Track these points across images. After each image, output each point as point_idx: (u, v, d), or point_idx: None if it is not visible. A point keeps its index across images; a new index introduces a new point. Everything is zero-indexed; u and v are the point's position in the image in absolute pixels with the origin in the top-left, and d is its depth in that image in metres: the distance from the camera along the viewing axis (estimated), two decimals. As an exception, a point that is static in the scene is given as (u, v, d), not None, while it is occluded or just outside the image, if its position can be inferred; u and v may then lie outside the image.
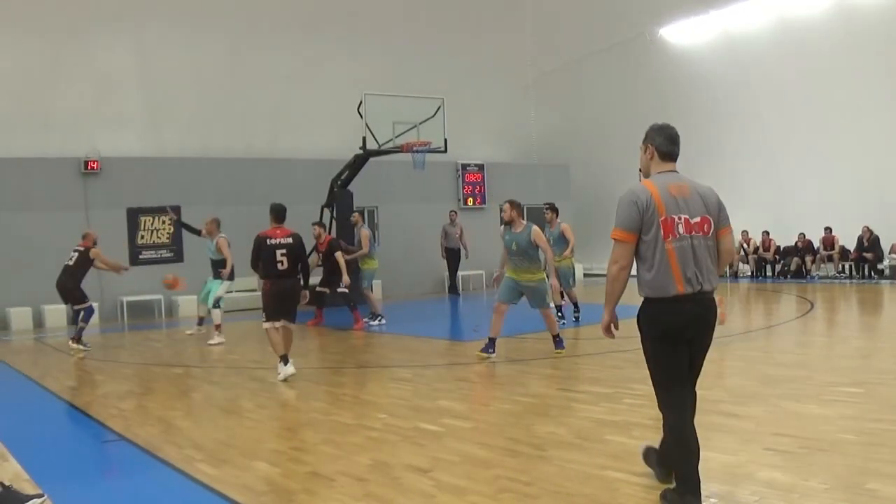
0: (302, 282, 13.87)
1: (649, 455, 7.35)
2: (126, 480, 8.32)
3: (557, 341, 14.81)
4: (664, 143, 6.85)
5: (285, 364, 13.39)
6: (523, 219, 14.90)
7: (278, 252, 13.47)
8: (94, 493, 7.80)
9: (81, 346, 18.14)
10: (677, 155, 6.88)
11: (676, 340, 6.47)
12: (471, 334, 18.37)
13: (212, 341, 18.76)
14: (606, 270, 6.69)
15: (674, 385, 6.66)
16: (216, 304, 19.40)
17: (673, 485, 6.60)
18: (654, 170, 6.84)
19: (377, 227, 30.57)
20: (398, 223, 29.26)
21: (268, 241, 13.58)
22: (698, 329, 6.53)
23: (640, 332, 6.70)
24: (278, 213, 14.08)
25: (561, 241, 19.27)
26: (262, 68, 29.05)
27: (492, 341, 14.62)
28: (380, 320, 21.37)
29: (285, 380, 13.17)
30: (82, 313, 18.73)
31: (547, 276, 14.96)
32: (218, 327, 19.19)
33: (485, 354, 14.51)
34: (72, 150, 25.18)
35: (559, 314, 18.23)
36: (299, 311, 14.04)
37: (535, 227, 14.48)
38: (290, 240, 13.58)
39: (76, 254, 19.14)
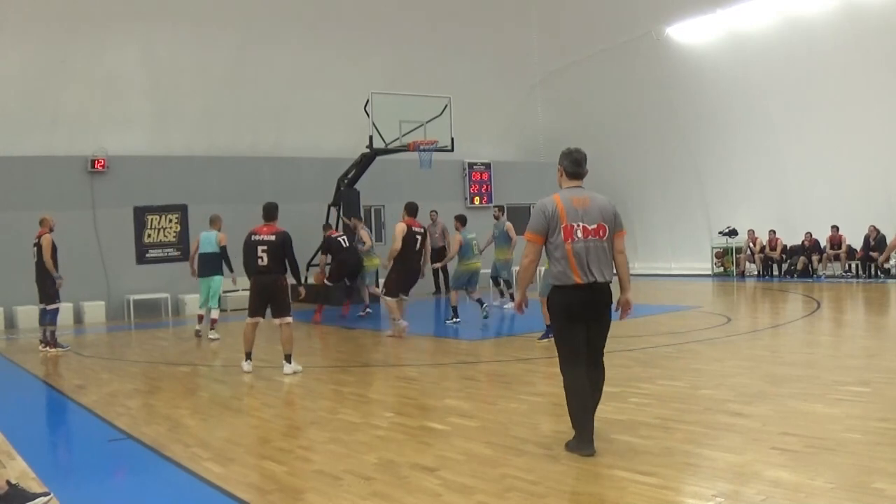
0: (294, 279, 14.27)
1: (569, 444, 8.37)
2: (132, 479, 8.33)
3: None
4: (570, 165, 8.47)
5: (247, 360, 14.42)
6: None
7: (259, 248, 13.85)
8: (101, 491, 7.80)
9: (58, 349, 18.35)
10: (582, 174, 8.49)
11: (575, 319, 8.19)
12: (475, 333, 18.39)
13: (212, 335, 19.46)
14: (520, 263, 8.59)
15: (572, 352, 8.26)
16: (219, 303, 19.85)
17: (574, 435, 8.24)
18: (564, 185, 8.48)
19: (384, 225, 30.63)
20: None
21: (252, 237, 14.02)
22: (594, 311, 8.27)
23: (549, 313, 8.67)
24: (268, 211, 14.37)
25: (505, 237, 21.75)
26: (268, 67, 29.05)
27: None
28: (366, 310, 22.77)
29: (292, 374, 13.53)
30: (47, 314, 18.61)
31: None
32: (214, 322, 19.72)
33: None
34: (79, 149, 25.27)
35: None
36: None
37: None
38: (272, 237, 13.86)
39: (36, 247, 18.65)
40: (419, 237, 17.91)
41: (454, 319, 20.02)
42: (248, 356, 14.39)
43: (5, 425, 10.14)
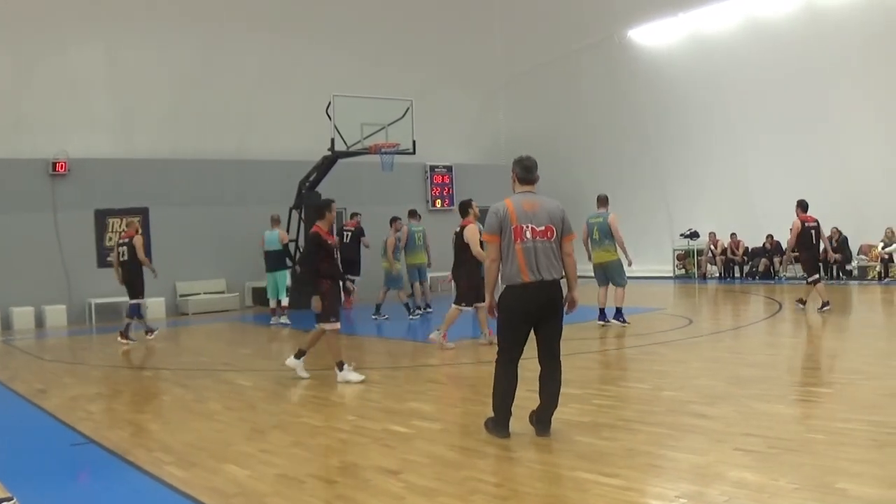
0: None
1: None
2: (95, 484, 8.29)
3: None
4: (521, 171, 9.06)
5: (341, 368, 13.15)
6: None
7: (335, 251, 13.45)
8: (63, 496, 7.76)
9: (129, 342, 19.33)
10: (533, 179, 9.07)
11: (520, 316, 8.76)
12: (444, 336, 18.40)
13: (283, 320, 21.88)
14: (484, 264, 9.27)
15: (512, 345, 8.90)
16: (287, 293, 22.27)
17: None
18: (517, 190, 9.06)
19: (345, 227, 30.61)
20: (366, 225, 29.26)
21: (327, 241, 13.26)
22: (542, 308, 8.77)
23: (499, 309, 8.96)
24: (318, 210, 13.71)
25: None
26: (231, 70, 28.98)
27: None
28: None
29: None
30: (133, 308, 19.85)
31: None
32: (284, 309, 22.11)
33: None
34: (42, 152, 25.06)
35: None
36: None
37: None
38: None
39: (124, 247, 19.76)
40: (454, 236, 16.93)
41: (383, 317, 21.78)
42: (341, 365, 13.10)
43: (-35, 431, 10.08)
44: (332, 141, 24.86)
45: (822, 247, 21.71)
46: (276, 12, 29.18)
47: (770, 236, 29.87)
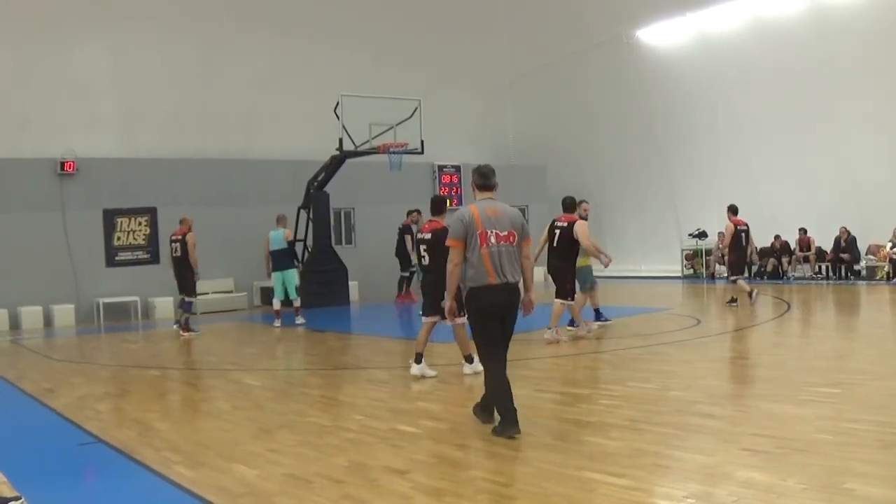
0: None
1: (476, 409, 9.73)
2: (103, 483, 8.29)
3: None
4: (479, 179, 9.66)
5: (417, 362, 13.19)
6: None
7: (421, 247, 13.64)
8: (72, 495, 7.77)
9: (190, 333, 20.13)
10: (492, 186, 9.64)
11: (490, 315, 9.18)
12: (446, 335, 18.37)
13: (299, 320, 21.69)
14: (447, 269, 9.37)
15: (491, 346, 9.24)
16: (297, 292, 22.06)
17: (497, 420, 9.16)
18: (478, 197, 9.60)
19: (354, 228, 30.55)
20: (375, 224, 29.21)
21: (417, 235, 14.30)
22: (506, 308, 9.24)
23: (468, 311, 9.45)
24: (435, 205, 13.92)
25: None
26: (237, 70, 28.98)
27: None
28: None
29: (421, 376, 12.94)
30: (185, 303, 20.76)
31: None
32: (298, 309, 21.92)
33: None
34: (48, 152, 25.06)
35: None
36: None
37: None
38: (429, 235, 13.29)
39: (177, 244, 20.61)
40: (556, 232, 16.45)
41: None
42: (419, 358, 13.16)
43: (-26, 430, 10.09)
44: (340, 141, 24.86)
45: (749, 249, 22.77)
46: (280, 12, 29.18)
47: (778, 236, 29.83)
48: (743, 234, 20.76)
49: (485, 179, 9.63)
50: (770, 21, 28.20)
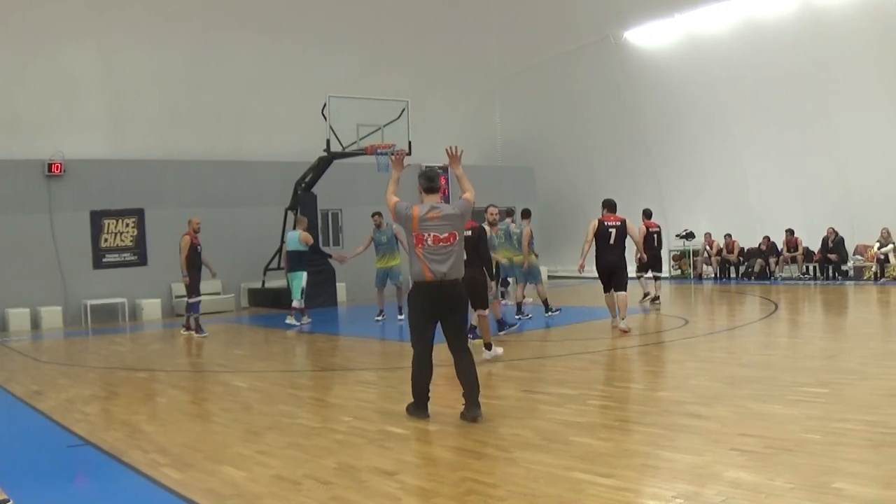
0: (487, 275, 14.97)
1: (409, 407, 10.34)
2: (91, 485, 8.27)
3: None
4: (425, 183, 10.33)
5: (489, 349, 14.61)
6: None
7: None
8: (59, 497, 7.74)
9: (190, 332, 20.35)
10: (437, 189, 10.34)
11: (424, 310, 9.89)
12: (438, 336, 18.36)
13: (304, 321, 21.93)
14: None
15: (421, 337, 10.03)
16: (302, 294, 22.16)
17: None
18: (424, 200, 10.16)
19: (341, 229, 30.54)
20: (363, 226, 29.25)
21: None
22: (445, 304, 9.87)
23: (409, 305, 10.23)
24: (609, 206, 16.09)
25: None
26: (225, 70, 28.94)
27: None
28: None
29: (492, 359, 14.35)
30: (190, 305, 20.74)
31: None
32: (303, 311, 22.09)
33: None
34: (36, 153, 25.02)
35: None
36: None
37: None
38: (469, 232, 13.71)
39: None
40: (612, 231, 17.51)
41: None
42: (489, 346, 14.59)
43: (-39, 432, 10.07)
44: (328, 142, 24.91)
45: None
46: (269, 13, 29.14)
47: (766, 238, 29.88)
48: (655, 236, 21.19)
49: (430, 183, 10.33)
50: (758, 22, 28.23)
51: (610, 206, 17.96)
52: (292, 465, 8.20)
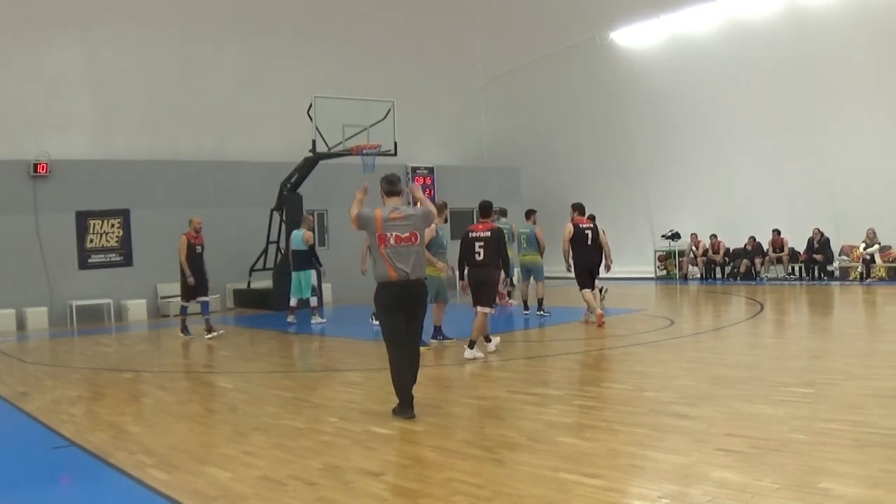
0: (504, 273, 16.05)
1: (395, 409, 10.36)
2: (77, 487, 8.24)
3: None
4: (387, 186, 10.71)
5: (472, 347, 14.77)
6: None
7: (476, 244, 15.11)
8: (45, 499, 7.71)
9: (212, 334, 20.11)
10: (398, 192, 10.68)
11: (393, 309, 10.20)
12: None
13: (316, 320, 22.24)
14: None
15: (394, 337, 10.30)
16: (314, 292, 22.60)
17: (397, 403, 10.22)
18: (386, 203, 10.60)
19: (327, 230, 30.51)
20: (348, 226, 29.23)
21: (469, 234, 15.32)
22: (408, 303, 10.22)
23: (377, 307, 10.60)
24: (484, 209, 15.87)
25: None
26: (211, 71, 28.94)
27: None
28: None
29: (472, 359, 14.44)
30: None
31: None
32: (315, 309, 22.52)
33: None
34: (21, 153, 24.96)
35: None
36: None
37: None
38: (488, 233, 15.07)
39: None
40: (588, 232, 19.07)
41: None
42: (472, 344, 14.72)
43: (-55, 434, 10.03)
44: (314, 142, 24.88)
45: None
46: (255, 13, 29.16)
47: (752, 238, 29.93)
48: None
49: (392, 186, 10.71)
50: (744, 23, 28.33)
51: (580, 209, 19.51)
52: (278, 466, 8.18)
